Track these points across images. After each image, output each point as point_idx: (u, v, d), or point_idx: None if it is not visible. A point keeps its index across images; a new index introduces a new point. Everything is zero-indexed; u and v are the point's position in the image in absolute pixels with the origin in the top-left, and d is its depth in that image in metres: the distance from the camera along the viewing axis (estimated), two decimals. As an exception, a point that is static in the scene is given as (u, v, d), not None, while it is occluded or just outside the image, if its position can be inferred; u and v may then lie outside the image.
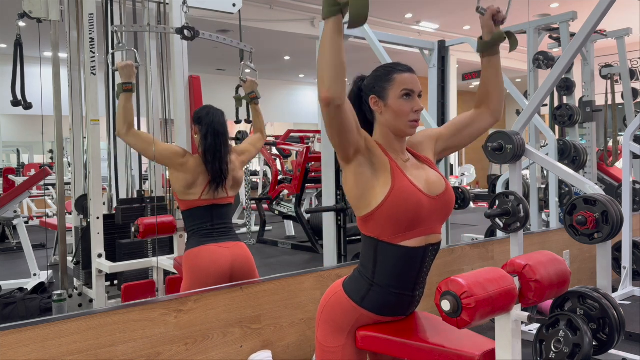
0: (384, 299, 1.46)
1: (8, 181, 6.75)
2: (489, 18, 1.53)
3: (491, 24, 1.54)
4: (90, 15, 3.20)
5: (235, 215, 7.38)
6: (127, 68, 2.34)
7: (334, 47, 1.24)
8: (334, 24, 1.24)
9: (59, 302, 3.01)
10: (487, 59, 1.58)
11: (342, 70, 1.26)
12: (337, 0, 1.21)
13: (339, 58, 1.25)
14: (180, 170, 2.26)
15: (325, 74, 1.25)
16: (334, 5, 1.21)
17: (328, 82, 1.25)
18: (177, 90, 2.99)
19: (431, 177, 1.50)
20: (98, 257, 3.12)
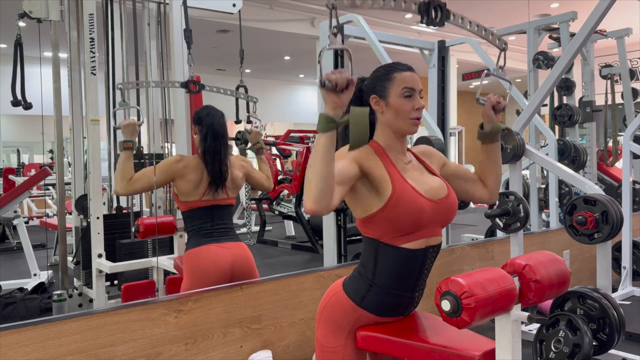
0: (383, 299, 1.46)
1: (8, 181, 6.75)
2: (489, 108, 1.54)
3: (491, 114, 1.55)
4: (90, 15, 3.20)
5: (235, 215, 7.38)
6: (130, 126, 2.32)
7: (325, 161, 1.21)
8: (328, 139, 1.21)
9: (59, 302, 3.01)
10: (485, 147, 1.60)
11: (331, 183, 1.23)
12: (335, 119, 1.19)
13: (330, 171, 1.22)
14: (184, 173, 2.26)
15: (313, 185, 1.22)
16: (330, 122, 1.19)
17: (315, 194, 1.21)
18: (177, 90, 2.99)
19: (433, 182, 1.50)
20: (98, 257, 3.12)
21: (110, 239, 3.45)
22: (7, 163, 10.66)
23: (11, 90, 3.44)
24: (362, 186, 1.42)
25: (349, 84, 1.18)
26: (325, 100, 1.19)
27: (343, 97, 1.18)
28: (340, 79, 1.16)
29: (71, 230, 4.06)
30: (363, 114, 1.17)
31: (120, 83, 2.68)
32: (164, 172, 2.26)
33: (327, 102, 1.19)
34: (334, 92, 1.17)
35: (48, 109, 3.27)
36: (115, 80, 3.81)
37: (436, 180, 1.52)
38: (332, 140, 1.21)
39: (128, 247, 3.49)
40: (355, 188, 1.42)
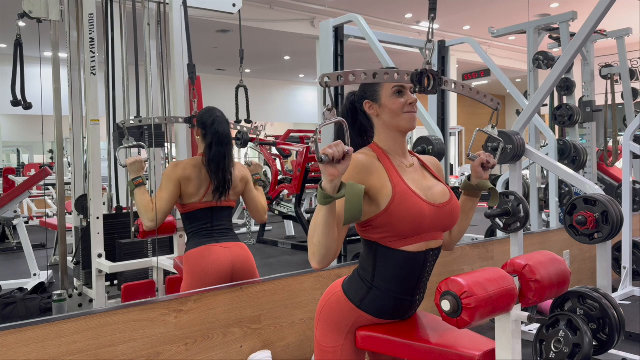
0: (383, 302, 1.45)
1: (8, 181, 6.75)
2: (479, 164, 1.57)
3: (480, 170, 1.57)
4: (90, 15, 3.20)
5: (235, 215, 7.38)
6: (137, 164, 2.32)
7: (325, 232, 1.30)
8: (328, 211, 1.28)
9: (59, 302, 3.01)
10: (465, 199, 1.62)
11: (333, 248, 1.33)
12: (331, 196, 1.24)
13: (331, 241, 1.31)
14: (187, 177, 2.26)
15: (316, 250, 1.32)
16: (327, 198, 1.25)
17: (319, 258, 1.33)
18: (177, 90, 2.99)
19: (435, 186, 1.50)
20: (98, 257, 3.12)
21: (110, 239, 3.45)
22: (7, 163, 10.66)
23: (11, 90, 3.44)
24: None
25: (346, 155, 1.23)
26: (323, 173, 1.24)
27: (340, 168, 1.23)
28: (336, 153, 1.21)
29: (71, 230, 4.06)
30: (358, 194, 1.25)
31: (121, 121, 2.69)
32: (171, 181, 2.25)
33: (324, 174, 1.24)
34: (331, 165, 1.22)
35: (48, 109, 3.26)
36: (116, 80, 3.81)
37: (439, 184, 1.51)
38: (331, 212, 1.29)
39: (128, 247, 3.49)
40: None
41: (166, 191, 2.23)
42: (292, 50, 10.97)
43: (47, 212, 6.97)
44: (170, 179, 2.25)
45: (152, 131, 3.00)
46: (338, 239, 1.34)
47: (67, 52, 3.83)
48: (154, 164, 3.74)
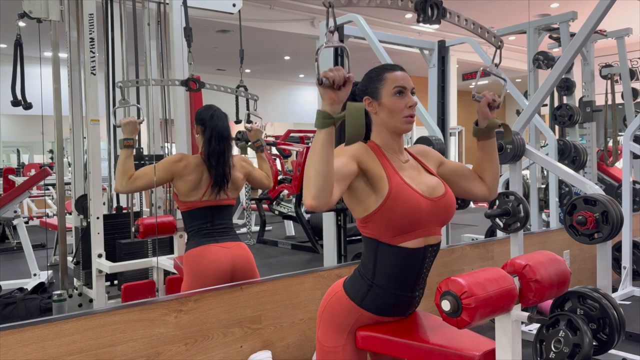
0: (384, 299, 1.46)
1: (8, 181, 6.74)
2: (485, 105, 1.55)
3: (486, 111, 1.55)
4: (90, 15, 3.20)
5: (235, 215, 7.38)
6: (130, 125, 2.32)
7: (323, 158, 1.22)
8: (326, 135, 1.22)
9: (59, 302, 3.01)
10: (482, 143, 1.60)
11: (330, 180, 1.24)
12: (332, 115, 1.20)
13: (328, 168, 1.23)
14: (184, 173, 2.26)
15: (312, 181, 1.23)
16: (327, 118, 1.20)
17: (315, 191, 1.22)
18: (177, 90, 2.99)
19: (430, 180, 1.50)
20: (98, 257, 3.12)
21: (110, 239, 3.45)
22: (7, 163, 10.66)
23: (11, 90, 3.44)
24: (360, 184, 1.42)
25: (347, 81, 1.19)
26: (322, 97, 1.20)
27: (340, 94, 1.19)
28: (337, 77, 1.17)
29: (71, 230, 4.06)
30: (359, 109, 1.18)
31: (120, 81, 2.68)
32: (164, 170, 2.26)
33: (324, 98, 1.20)
34: (331, 89, 1.18)
35: (48, 109, 3.27)
36: (116, 80, 3.81)
37: (433, 179, 1.52)
38: (330, 137, 1.22)
39: (128, 247, 3.49)
40: (354, 186, 1.42)
41: (151, 174, 2.23)
42: (292, 50, 10.96)
43: (47, 212, 6.96)
44: (167, 168, 2.26)
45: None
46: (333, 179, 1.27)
47: (67, 52, 3.83)
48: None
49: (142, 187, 2.28)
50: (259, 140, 2.63)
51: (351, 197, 1.45)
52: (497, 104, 1.56)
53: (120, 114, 3.47)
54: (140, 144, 3.70)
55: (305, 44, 9.70)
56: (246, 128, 2.70)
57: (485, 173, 1.61)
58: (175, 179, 2.28)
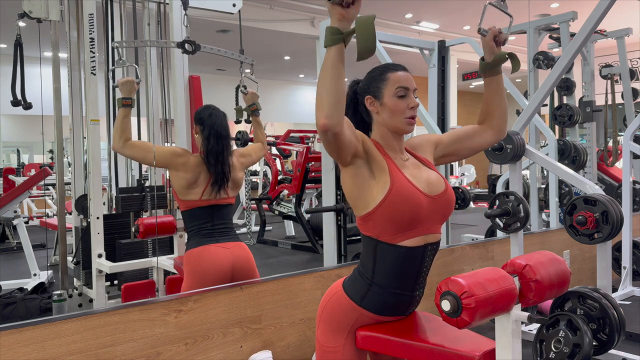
0: (383, 299, 1.46)
1: (8, 181, 6.75)
2: (491, 39, 1.53)
3: (493, 45, 1.53)
4: (90, 15, 3.20)
5: (235, 215, 7.38)
6: (128, 84, 2.33)
7: (334, 75, 1.22)
8: (336, 52, 1.22)
9: (59, 302, 3.01)
10: (489, 79, 1.57)
11: (342, 98, 1.24)
12: (340, 30, 1.19)
13: (339, 85, 1.23)
14: (180, 170, 2.26)
15: (324, 100, 1.23)
16: (336, 34, 1.19)
17: (327, 109, 1.22)
18: (177, 90, 2.99)
19: (431, 177, 1.50)
20: (98, 257, 3.12)
21: (110, 239, 3.46)
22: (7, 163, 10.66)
23: (11, 90, 3.44)
24: (363, 170, 1.42)
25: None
26: (331, 14, 1.18)
27: (350, 11, 1.18)
28: None
29: (71, 230, 4.06)
30: (369, 21, 1.16)
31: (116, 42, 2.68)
32: (162, 156, 2.27)
33: (332, 15, 1.18)
34: (340, 6, 1.16)
35: (48, 109, 3.27)
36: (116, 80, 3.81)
37: (432, 174, 1.52)
38: (340, 54, 1.22)
39: (128, 247, 3.49)
40: (357, 171, 1.42)
41: (151, 147, 2.26)
42: (292, 50, 10.97)
43: (47, 212, 6.96)
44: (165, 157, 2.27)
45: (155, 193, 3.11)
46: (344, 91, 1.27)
47: (67, 52, 3.83)
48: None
49: (133, 157, 2.31)
50: (255, 104, 2.66)
51: (354, 185, 1.44)
52: (502, 38, 1.53)
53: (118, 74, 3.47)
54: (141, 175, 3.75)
55: (305, 44, 9.70)
56: (242, 91, 2.72)
57: (493, 111, 1.58)
58: (170, 169, 2.29)
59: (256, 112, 2.65)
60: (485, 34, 1.53)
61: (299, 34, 9.34)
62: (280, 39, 9.75)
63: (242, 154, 2.52)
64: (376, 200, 1.40)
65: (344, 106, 1.26)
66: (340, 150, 1.35)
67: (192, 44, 2.67)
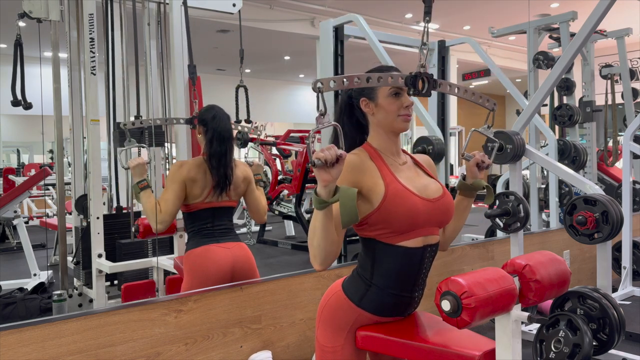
0: (382, 299, 1.46)
1: (8, 181, 6.75)
2: (474, 165, 1.58)
3: (475, 170, 1.59)
4: (90, 15, 3.20)
5: (235, 215, 7.38)
6: (139, 167, 2.29)
7: (324, 234, 1.31)
8: (324, 215, 1.29)
9: (59, 302, 3.01)
10: (460, 198, 1.63)
11: (334, 250, 1.35)
12: (325, 200, 1.25)
13: (330, 242, 1.33)
14: (192, 177, 2.24)
15: (317, 252, 1.34)
16: (322, 202, 1.25)
17: (321, 260, 1.35)
18: (177, 90, 2.99)
19: (428, 183, 1.51)
20: (98, 257, 3.12)
21: (110, 239, 3.45)
22: (7, 163, 10.66)
23: (11, 90, 3.44)
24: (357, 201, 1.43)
25: (339, 158, 1.22)
26: (317, 179, 1.24)
27: (333, 172, 1.23)
28: (329, 156, 1.21)
29: (71, 230, 4.06)
30: (351, 198, 1.25)
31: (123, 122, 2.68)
32: (176, 181, 2.23)
33: (318, 180, 1.24)
34: (324, 170, 1.22)
35: (48, 109, 3.26)
36: (116, 80, 3.81)
37: (432, 181, 1.53)
38: (328, 216, 1.30)
39: (128, 247, 3.49)
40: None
41: (172, 192, 2.21)
42: (292, 50, 10.97)
43: (47, 212, 6.96)
44: (175, 180, 2.24)
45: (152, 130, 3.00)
46: (338, 240, 1.35)
47: (67, 52, 3.83)
48: (154, 163, 3.74)
49: (176, 211, 2.24)
50: (259, 174, 2.59)
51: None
52: (486, 165, 1.59)
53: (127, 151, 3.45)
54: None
55: (305, 44, 9.71)
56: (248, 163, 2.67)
57: (448, 226, 1.63)
58: (187, 185, 2.25)
59: (260, 183, 2.58)
60: (469, 159, 1.60)
61: (299, 34, 9.35)
62: (280, 39, 9.75)
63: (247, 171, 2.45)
64: (372, 206, 1.41)
65: (335, 254, 1.37)
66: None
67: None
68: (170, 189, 2.23)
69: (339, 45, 3.96)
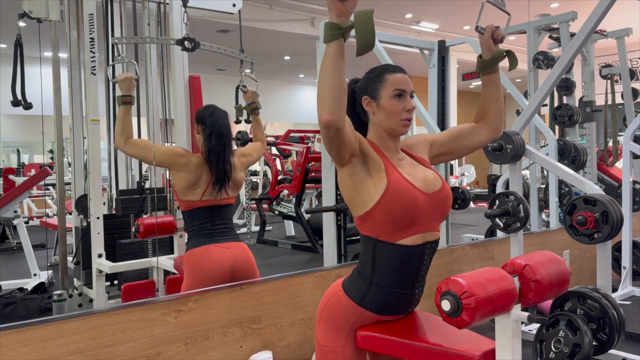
0: (383, 298, 1.46)
1: (8, 181, 6.75)
2: (489, 36, 1.53)
3: (490, 43, 1.54)
4: (90, 15, 3.20)
5: (235, 215, 7.38)
6: (127, 81, 2.32)
7: (335, 71, 1.23)
8: (336, 47, 1.22)
9: (59, 302, 3.01)
10: (486, 77, 1.57)
11: (343, 93, 1.25)
12: (340, 25, 1.18)
13: (340, 81, 1.24)
14: (182, 170, 2.26)
15: (326, 96, 1.23)
16: (336, 29, 1.19)
17: (329, 105, 1.23)
18: (177, 90, 2.99)
19: (427, 174, 1.51)
20: (98, 257, 3.12)
21: (110, 239, 3.45)
22: (7, 163, 10.65)
23: (11, 90, 3.44)
24: (359, 169, 1.43)
25: None
26: (329, 8, 1.18)
27: (348, 5, 1.17)
28: None
29: (71, 230, 4.06)
30: (368, 15, 1.16)
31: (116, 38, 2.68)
32: (164, 155, 2.27)
33: (331, 9, 1.18)
34: (338, 1, 1.16)
35: (48, 109, 3.26)
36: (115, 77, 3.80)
37: (429, 172, 1.52)
38: (340, 49, 1.22)
39: (128, 247, 3.49)
40: (354, 170, 1.43)
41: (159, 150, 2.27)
42: (292, 50, 10.96)
43: (47, 212, 6.96)
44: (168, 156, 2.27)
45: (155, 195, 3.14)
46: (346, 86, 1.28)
47: (67, 52, 3.83)
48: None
49: (136, 156, 2.34)
50: (254, 103, 2.66)
51: (351, 185, 1.44)
52: (500, 36, 1.53)
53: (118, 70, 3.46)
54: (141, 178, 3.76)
55: (305, 44, 9.70)
56: (242, 89, 2.72)
57: (490, 109, 1.59)
58: (171, 170, 2.29)
59: (256, 111, 2.66)
60: (482, 32, 1.54)
61: (299, 34, 9.34)
62: (280, 39, 9.75)
63: (243, 154, 2.52)
64: (373, 200, 1.41)
65: (345, 101, 1.26)
66: (340, 147, 1.35)
67: (191, 41, 2.67)
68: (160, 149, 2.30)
69: (339, 45, 3.96)
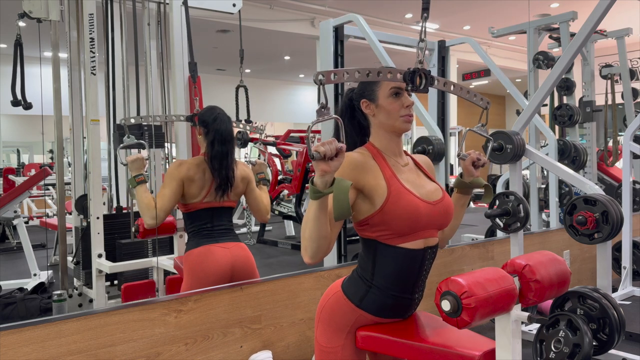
0: (383, 301, 1.46)
1: (8, 181, 6.75)
2: (469, 163, 1.57)
3: (471, 169, 1.58)
4: (90, 15, 3.20)
5: (235, 215, 7.38)
6: (137, 162, 2.29)
7: (316, 225, 1.29)
8: (318, 206, 1.27)
9: (59, 302, 3.01)
10: (458, 196, 1.64)
11: (324, 244, 1.32)
12: (320, 190, 1.23)
13: (322, 233, 1.30)
14: (191, 177, 2.25)
15: (308, 245, 1.31)
16: (317, 192, 1.24)
17: (310, 252, 1.32)
18: (177, 90, 2.99)
19: (429, 185, 1.52)
20: (98, 257, 3.12)
21: (110, 239, 3.45)
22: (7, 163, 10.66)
23: (11, 90, 3.44)
24: (357, 199, 1.43)
25: (339, 152, 1.21)
26: (315, 169, 1.23)
27: (332, 165, 1.21)
28: (328, 151, 1.19)
29: (71, 230, 4.06)
30: (344, 190, 1.23)
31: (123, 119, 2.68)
32: (175, 179, 2.23)
33: (316, 170, 1.23)
34: (323, 162, 1.20)
35: (48, 109, 3.26)
36: (116, 80, 3.81)
37: (431, 184, 1.53)
38: (322, 207, 1.27)
39: (128, 247, 3.48)
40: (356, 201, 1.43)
41: (169, 189, 2.22)
42: (292, 50, 10.97)
43: (47, 212, 6.96)
44: (174, 177, 2.24)
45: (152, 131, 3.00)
46: (330, 235, 1.33)
47: (67, 52, 3.83)
48: (154, 163, 3.74)
49: (170, 208, 2.23)
50: (263, 173, 2.58)
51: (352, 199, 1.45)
52: (481, 163, 1.58)
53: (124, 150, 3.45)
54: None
55: (305, 44, 9.71)
56: (250, 162, 2.66)
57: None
58: (185, 183, 2.25)
59: (264, 181, 2.57)
60: (464, 159, 1.59)
61: (299, 34, 9.35)
62: (280, 39, 9.76)
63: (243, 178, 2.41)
64: (374, 207, 1.40)
65: (326, 250, 1.34)
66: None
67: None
68: (167, 186, 2.23)
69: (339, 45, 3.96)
